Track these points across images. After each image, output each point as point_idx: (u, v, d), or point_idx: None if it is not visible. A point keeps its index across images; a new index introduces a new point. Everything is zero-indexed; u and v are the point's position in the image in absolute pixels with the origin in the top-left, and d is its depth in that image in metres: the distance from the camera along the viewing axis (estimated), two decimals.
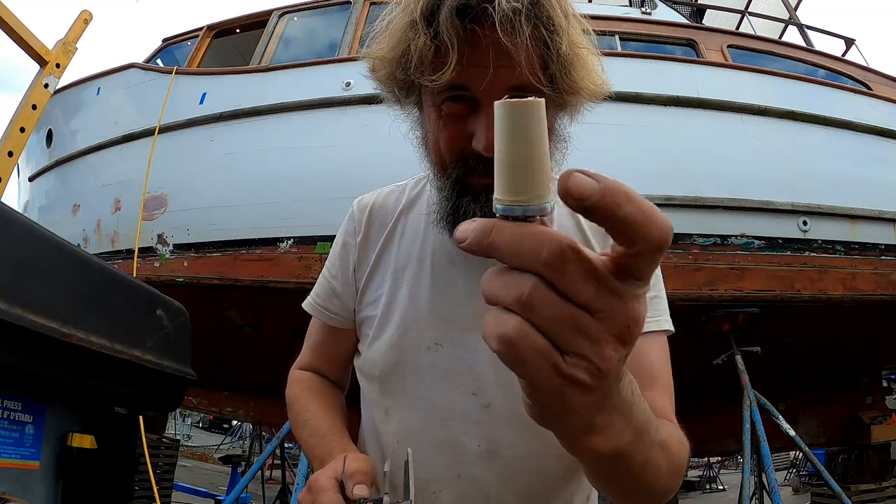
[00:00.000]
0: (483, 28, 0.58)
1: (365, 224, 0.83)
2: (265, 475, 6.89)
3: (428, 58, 0.60)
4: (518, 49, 0.57)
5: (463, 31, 0.58)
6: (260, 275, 3.39)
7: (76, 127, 4.54)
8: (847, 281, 3.50)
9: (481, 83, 0.60)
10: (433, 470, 0.71)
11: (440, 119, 0.66)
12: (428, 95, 0.67)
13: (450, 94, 0.63)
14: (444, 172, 0.68)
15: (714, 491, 12.08)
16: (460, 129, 0.64)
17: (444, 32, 0.58)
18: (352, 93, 3.56)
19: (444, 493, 0.71)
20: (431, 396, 0.73)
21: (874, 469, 4.41)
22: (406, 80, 0.65)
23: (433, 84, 0.60)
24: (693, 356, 3.49)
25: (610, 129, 3.38)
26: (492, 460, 0.71)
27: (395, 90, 0.69)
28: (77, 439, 0.91)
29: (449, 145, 0.66)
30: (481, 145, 0.61)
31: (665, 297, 0.76)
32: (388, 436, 0.76)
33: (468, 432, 0.71)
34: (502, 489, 0.71)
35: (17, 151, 2.62)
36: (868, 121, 3.80)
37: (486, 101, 0.61)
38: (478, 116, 0.62)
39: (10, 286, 0.74)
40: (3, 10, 2.57)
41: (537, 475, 0.71)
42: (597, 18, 3.73)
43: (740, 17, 5.87)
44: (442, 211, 0.70)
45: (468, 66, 0.59)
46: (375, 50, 0.67)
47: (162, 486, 4.41)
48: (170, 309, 1.13)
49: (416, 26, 0.60)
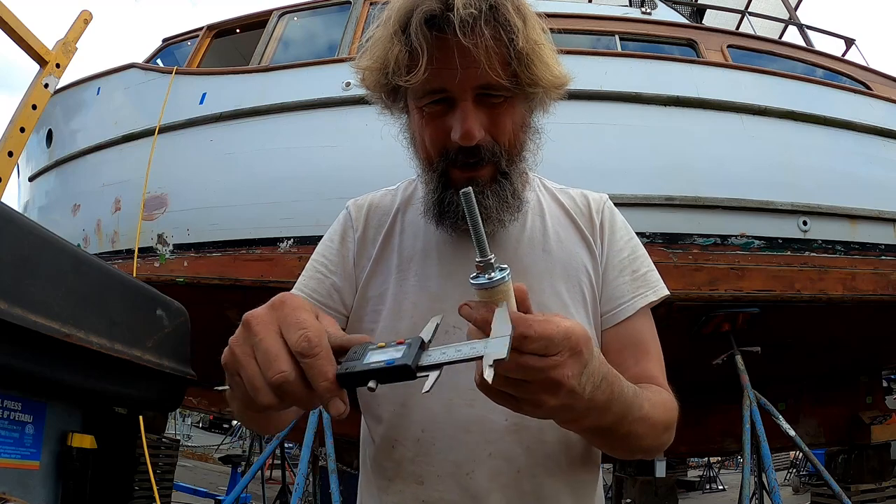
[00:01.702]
0: (448, 34, 0.66)
1: (363, 222, 0.86)
2: (265, 475, 6.89)
3: (403, 62, 0.68)
4: (479, 50, 0.65)
5: (431, 37, 0.66)
6: (260, 275, 3.39)
7: (76, 127, 4.54)
8: (847, 281, 3.50)
9: (453, 84, 0.68)
10: (464, 451, 0.73)
11: (423, 119, 0.74)
12: (412, 100, 0.75)
13: (429, 98, 0.71)
14: (430, 167, 0.76)
15: (714, 491, 12.08)
16: (440, 125, 0.72)
17: (414, 40, 0.66)
18: (352, 93, 3.56)
19: (477, 472, 0.72)
20: (454, 379, 0.73)
21: (874, 469, 4.41)
22: (388, 84, 0.72)
23: (408, 84, 0.68)
24: (693, 356, 3.50)
25: (610, 129, 3.38)
26: (519, 433, 0.73)
27: (383, 96, 0.77)
28: (77, 439, 0.91)
29: (432, 140, 0.74)
30: (458, 135, 0.69)
31: (654, 269, 0.83)
32: (408, 428, 0.75)
33: (494, 408, 0.73)
34: (531, 460, 0.73)
35: (17, 151, 2.62)
36: (868, 121, 3.80)
37: (460, 98, 0.70)
38: (454, 112, 0.70)
39: (10, 286, 0.74)
40: (3, 10, 2.57)
41: (561, 444, 0.75)
42: (597, 18, 3.73)
43: (740, 17, 5.87)
44: (428, 203, 0.78)
45: (439, 69, 0.67)
46: (363, 62, 0.74)
47: (162, 486, 4.41)
48: (170, 309, 1.13)
49: (392, 38, 0.68)
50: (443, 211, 0.75)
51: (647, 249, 0.86)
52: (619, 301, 0.80)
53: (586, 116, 3.34)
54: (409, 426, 0.75)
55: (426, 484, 0.74)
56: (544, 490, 0.74)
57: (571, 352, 0.49)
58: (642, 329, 0.80)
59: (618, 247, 0.83)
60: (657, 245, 3.28)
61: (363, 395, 0.82)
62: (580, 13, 4.06)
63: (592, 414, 0.56)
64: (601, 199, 0.88)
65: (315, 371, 0.44)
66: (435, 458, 0.74)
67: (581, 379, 0.51)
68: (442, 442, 0.73)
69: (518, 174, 0.77)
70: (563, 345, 0.48)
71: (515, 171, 0.76)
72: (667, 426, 0.70)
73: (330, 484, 3.06)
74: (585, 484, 0.78)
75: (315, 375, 0.43)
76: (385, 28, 0.70)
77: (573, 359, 0.49)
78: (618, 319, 0.79)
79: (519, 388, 0.49)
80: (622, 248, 0.83)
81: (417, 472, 0.74)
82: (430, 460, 0.74)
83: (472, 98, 0.69)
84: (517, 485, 0.73)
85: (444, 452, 0.73)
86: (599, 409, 0.56)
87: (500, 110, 0.72)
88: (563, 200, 0.86)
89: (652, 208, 3.30)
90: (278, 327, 0.46)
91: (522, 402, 0.51)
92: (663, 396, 0.72)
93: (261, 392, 0.45)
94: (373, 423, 0.81)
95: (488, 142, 0.71)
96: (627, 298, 0.80)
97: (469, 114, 0.69)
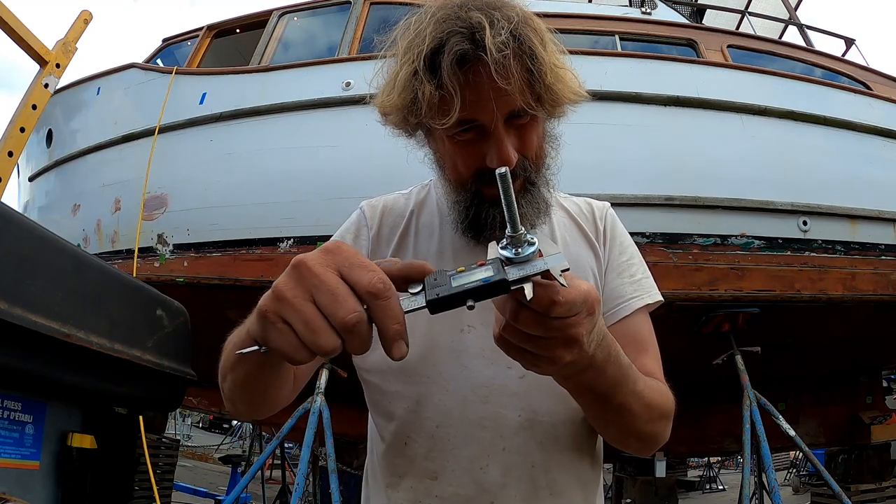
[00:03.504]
0: (479, 72, 0.68)
1: (378, 222, 0.88)
2: (265, 475, 6.89)
3: (435, 104, 0.69)
4: (510, 82, 0.67)
5: (464, 78, 0.68)
6: (260, 275, 3.39)
7: (76, 127, 4.54)
8: (847, 281, 3.50)
9: (485, 115, 0.71)
10: (478, 446, 0.75)
11: (454, 146, 0.76)
12: (439, 128, 0.75)
13: (460, 128, 0.73)
14: (463, 188, 0.78)
15: (714, 491, 12.07)
16: (473, 152, 0.74)
17: (447, 82, 0.67)
18: (352, 93, 3.56)
19: (491, 467, 0.74)
20: (469, 376, 0.76)
21: (874, 469, 4.41)
22: (418, 125, 0.76)
23: (443, 127, 0.70)
24: (693, 356, 3.49)
25: (610, 129, 3.38)
26: (532, 428, 0.75)
27: (407, 130, 0.79)
28: (77, 439, 0.91)
29: (466, 165, 0.76)
30: (495, 163, 0.71)
31: (649, 275, 0.87)
32: (422, 424, 0.77)
33: (508, 404, 0.75)
34: (544, 455, 0.76)
35: (17, 151, 2.62)
36: (868, 121, 3.80)
37: (492, 127, 0.72)
38: (487, 140, 0.73)
39: (10, 286, 0.74)
40: (3, 10, 2.57)
41: (572, 438, 0.77)
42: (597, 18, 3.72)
43: (740, 17, 5.86)
44: (463, 218, 0.79)
45: (471, 104, 0.69)
46: (385, 99, 0.75)
47: (162, 486, 4.41)
48: (170, 309, 1.13)
49: (418, 75, 0.69)
50: (479, 225, 0.78)
51: (647, 249, 0.88)
52: (619, 300, 0.82)
53: (586, 116, 3.33)
54: (423, 423, 0.77)
55: (440, 479, 0.75)
56: (557, 484, 0.76)
57: (588, 311, 0.52)
58: (641, 327, 0.82)
59: (618, 251, 0.87)
60: (657, 245, 3.28)
61: (374, 394, 0.82)
62: (580, 13, 4.06)
63: (590, 371, 0.59)
64: (604, 207, 0.93)
65: (388, 312, 0.43)
66: (449, 454, 0.75)
67: (589, 336, 0.54)
68: (456, 438, 0.75)
69: (544, 182, 0.80)
70: (583, 306, 0.51)
71: (542, 179, 0.80)
72: (662, 413, 0.72)
73: (330, 484, 3.06)
74: (591, 480, 0.81)
75: (388, 317, 0.43)
76: (408, 64, 0.70)
77: (589, 318, 0.53)
78: (618, 317, 0.82)
79: (539, 344, 0.52)
80: (622, 252, 0.87)
81: (431, 468, 0.75)
82: (445, 456, 0.75)
83: (502, 124, 0.72)
84: (531, 479, 0.75)
85: (458, 448, 0.75)
86: (598, 366, 0.59)
87: (526, 129, 0.75)
88: (569, 207, 0.91)
89: (652, 208, 3.30)
90: (338, 270, 0.45)
91: (540, 359, 0.53)
92: (659, 384, 0.75)
93: (323, 334, 0.43)
94: (383, 421, 0.81)
95: (519, 160, 0.74)
96: (627, 298, 0.83)
97: (503, 141, 0.72)
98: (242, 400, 0.70)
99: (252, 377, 0.64)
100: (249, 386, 0.66)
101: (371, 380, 0.82)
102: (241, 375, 0.65)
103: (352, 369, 0.87)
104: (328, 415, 3.16)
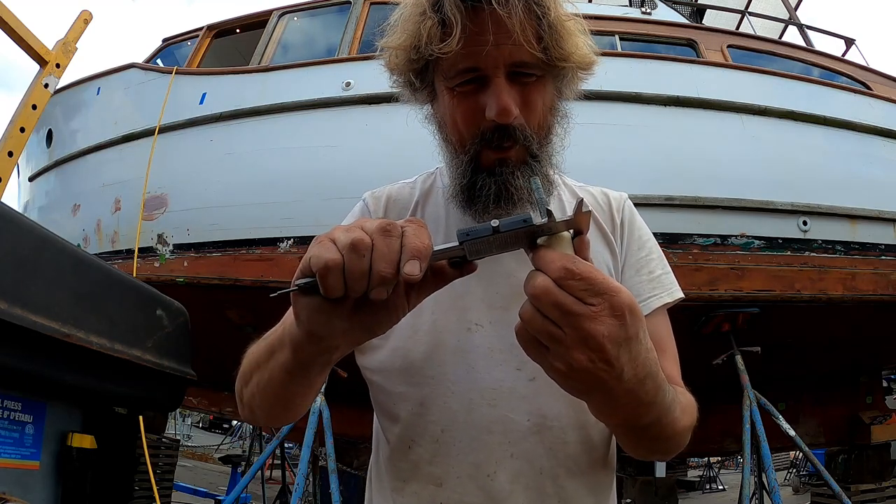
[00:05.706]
0: (484, 16, 0.66)
1: (382, 213, 0.83)
2: (265, 475, 6.89)
3: (436, 35, 0.67)
4: (513, 21, 0.65)
5: (465, 9, 0.66)
6: (260, 275, 3.39)
7: (76, 127, 4.54)
8: (847, 281, 3.50)
9: (486, 61, 0.68)
10: (485, 451, 0.71)
11: (454, 98, 0.72)
12: (442, 81, 0.73)
13: (461, 78, 0.70)
14: (462, 149, 0.74)
15: (714, 491, 12.08)
16: (473, 104, 0.71)
17: (448, 11, 0.66)
18: (352, 93, 3.56)
19: (499, 474, 0.71)
20: (475, 377, 0.72)
21: (874, 469, 4.41)
22: (420, 59, 0.71)
23: (441, 52, 0.67)
24: (693, 356, 3.49)
25: (610, 129, 3.38)
26: (541, 434, 0.72)
27: (410, 78, 0.75)
28: (77, 439, 0.91)
29: (465, 119, 0.72)
30: (493, 112, 0.68)
31: (669, 271, 0.83)
32: (427, 428, 0.73)
33: (516, 408, 0.72)
34: (553, 461, 0.72)
35: (17, 151, 2.62)
36: (868, 121, 3.80)
37: (493, 75, 0.69)
38: (487, 90, 0.69)
39: (10, 286, 0.74)
40: (3, 10, 2.57)
41: (582, 444, 0.73)
42: (597, 18, 3.72)
43: (740, 17, 5.87)
44: (456, 188, 0.75)
45: (472, 47, 0.67)
46: (391, 40, 0.73)
47: (162, 486, 4.41)
48: (170, 309, 1.13)
49: (425, 13, 0.68)
50: (473, 196, 0.73)
51: None
52: (637, 300, 0.78)
53: (586, 116, 3.31)
54: (428, 426, 0.73)
55: (445, 486, 0.72)
56: (566, 491, 0.73)
57: (611, 310, 0.48)
58: (659, 328, 0.79)
59: (636, 246, 0.83)
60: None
61: (378, 395, 0.80)
62: (580, 13, 4.05)
63: (629, 408, 0.54)
64: (621, 198, 0.88)
65: (419, 233, 0.50)
66: (454, 460, 0.72)
67: (619, 351, 0.49)
68: (462, 443, 0.72)
69: (547, 157, 0.75)
70: (604, 298, 0.47)
71: (545, 154, 0.74)
72: (690, 429, 0.69)
73: (330, 484, 3.06)
74: (604, 486, 0.78)
75: (417, 237, 0.49)
76: (416, 6, 0.69)
77: (612, 319, 0.48)
78: None
79: (552, 337, 0.48)
80: (640, 247, 0.83)
81: (436, 474, 0.72)
82: (450, 461, 0.72)
83: (505, 75, 0.69)
84: (539, 486, 0.72)
85: (464, 453, 0.71)
86: (637, 404, 0.54)
87: (531, 89, 0.71)
88: (584, 197, 0.86)
89: (652, 208, 3.30)
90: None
91: (553, 356, 0.49)
92: (689, 399, 0.71)
93: (388, 263, 0.48)
94: (388, 424, 0.79)
95: (520, 123, 0.70)
96: (644, 297, 0.79)
97: (503, 90, 0.68)
98: (262, 406, 0.68)
99: (280, 383, 0.62)
100: (273, 392, 0.65)
101: (375, 380, 0.80)
102: (267, 379, 0.63)
103: (352, 369, 0.85)
104: (328, 415, 3.16)
